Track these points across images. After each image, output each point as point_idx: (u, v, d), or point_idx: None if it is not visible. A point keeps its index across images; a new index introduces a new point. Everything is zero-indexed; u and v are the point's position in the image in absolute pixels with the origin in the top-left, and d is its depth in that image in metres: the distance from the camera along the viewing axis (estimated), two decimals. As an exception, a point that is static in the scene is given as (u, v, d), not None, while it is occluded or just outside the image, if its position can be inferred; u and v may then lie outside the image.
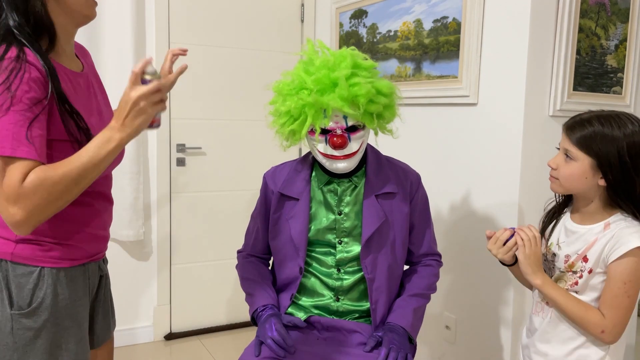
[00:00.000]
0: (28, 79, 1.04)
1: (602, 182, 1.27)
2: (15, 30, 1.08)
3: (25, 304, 1.14)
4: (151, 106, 1.08)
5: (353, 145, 1.44)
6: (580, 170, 1.28)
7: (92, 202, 1.24)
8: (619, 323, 1.25)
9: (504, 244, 1.37)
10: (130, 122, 1.08)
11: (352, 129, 1.43)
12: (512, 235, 1.37)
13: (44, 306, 1.15)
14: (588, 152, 1.27)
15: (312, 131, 1.43)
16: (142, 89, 1.07)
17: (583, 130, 1.27)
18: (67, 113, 1.11)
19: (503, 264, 1.44)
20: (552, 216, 1.44)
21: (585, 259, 1.30)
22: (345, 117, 1.41)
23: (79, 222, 1.21)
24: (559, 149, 1.35)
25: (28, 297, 1.14)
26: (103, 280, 1.36)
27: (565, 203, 1.43)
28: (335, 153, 1.44)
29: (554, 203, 1.45)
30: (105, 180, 1.30)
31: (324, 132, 1.43)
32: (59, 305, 1.17)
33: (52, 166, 1.05)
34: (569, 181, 1.31)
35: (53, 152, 1.12)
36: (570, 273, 1.33)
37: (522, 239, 1.34)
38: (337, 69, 1.37)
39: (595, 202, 1.31)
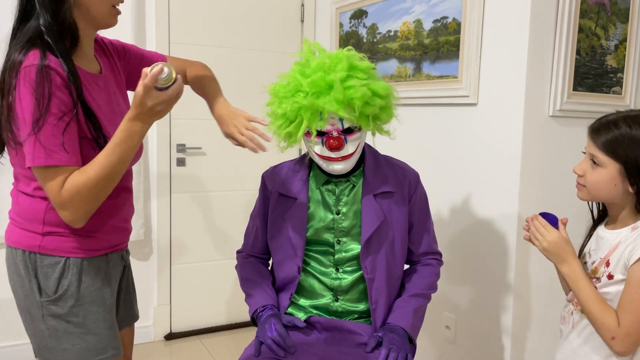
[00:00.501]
0: (54, 88, 1.09)
1: (633, 189, 1.18)
2: (43, 29, 1.13)
3: (52, 292, 1.21)
4: (168, 105, 1.16)
5: (349, 147, 1.44)
6: (608, 177, 1.20)
7: (115, 195, 1.29)
8: (632, 332, 1.15)
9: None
10: (149, 118, 1.15)
11: (349, 131, 1.43)
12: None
13: (70, 293, 1.22)
14: (615, 157, 1.18)
15: (308, 133, 1.43)
16: (158, 98, 1.11)
17: (609, 134, 1.19)
18: (86, 116, 1.16)
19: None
20: (590, 232, 1.37)
21: (607, 264, 1.22)
22: (341, 120, 1.41)
23: (103, 215, 1.27)
24: (585, 153, 1.27)
25: (54, 285, 1.21)
26: (126, 270, 1.44)
27: (601, 217, 1.35)
28: (332, 155, 1.44)
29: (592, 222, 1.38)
30: (126, 175, 1.36)
31: (320, 134, 1.43)
32: (83, 292, 1.24)
33: (84, 170, 1.14)
34: (596, 189, 1.23)
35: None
36: (595, 279, 1.26)
37: (532, 233, 1.28)
38: (333, 72, 1.37)
39: (628, 209, 1.23)
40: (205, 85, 1.60)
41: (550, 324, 2.10)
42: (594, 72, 2.05)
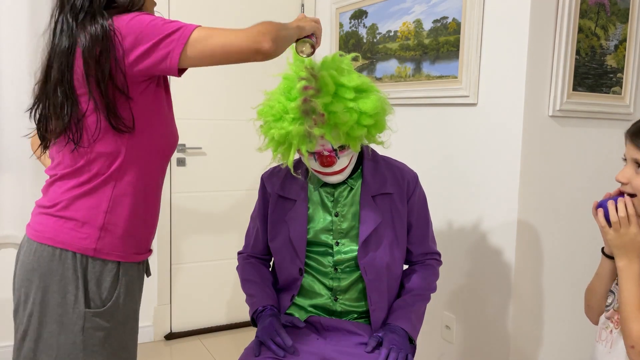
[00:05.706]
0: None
1: None
2: None
3: (101, 303, 1.13)
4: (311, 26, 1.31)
5: (343, 161, 1.46)
6: None
7: (158, 199, 1.27)
8: None
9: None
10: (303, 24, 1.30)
11: (341, 147, 1.43)
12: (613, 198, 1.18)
13: (119, 305, 1.15)
14: None
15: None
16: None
17: None
18: None
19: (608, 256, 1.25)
20: None
21: None
22: None
23: (148, 218, 1.22)
24: (624, 159, 1.19)
25: (105, 295, 1.13)
26: None
27: None
28: (326, 170, 1.46)
29: None
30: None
31: (312, 152, 1.44)
32: (128, 305, 1.17)
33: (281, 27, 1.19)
34: None
35: None
36: None
37: (620, 218, 1.16)
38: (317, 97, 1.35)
39: None
40: None
41: (549, 324, 2.10)
42: (593, 72, 2.05)
